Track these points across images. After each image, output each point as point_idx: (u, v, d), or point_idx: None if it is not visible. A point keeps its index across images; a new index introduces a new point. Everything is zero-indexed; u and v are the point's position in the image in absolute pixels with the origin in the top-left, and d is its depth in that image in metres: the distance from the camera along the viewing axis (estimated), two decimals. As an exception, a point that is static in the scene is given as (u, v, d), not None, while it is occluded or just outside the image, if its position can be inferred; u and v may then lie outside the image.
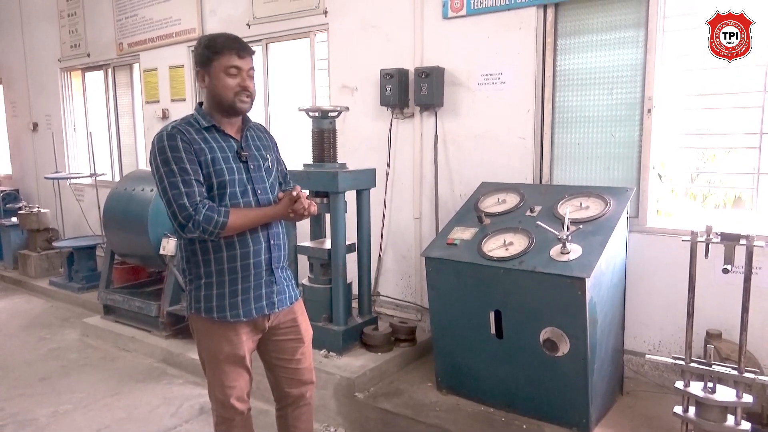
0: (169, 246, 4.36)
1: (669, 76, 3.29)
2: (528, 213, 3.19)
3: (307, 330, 2.39)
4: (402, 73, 4.10)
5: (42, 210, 6.76)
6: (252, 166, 2.19)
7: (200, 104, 2.21)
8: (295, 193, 2.13)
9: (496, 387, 3.09)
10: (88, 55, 6.87)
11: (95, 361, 4.39)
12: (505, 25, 3.70)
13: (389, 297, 4.48)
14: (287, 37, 4.93)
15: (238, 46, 2.11)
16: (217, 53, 2.08)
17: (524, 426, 2.94)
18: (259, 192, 2.19)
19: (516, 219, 3.19)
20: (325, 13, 4.59)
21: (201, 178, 2.06)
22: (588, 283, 2.64)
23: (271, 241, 2.22)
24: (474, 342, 3.10)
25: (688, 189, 3.66)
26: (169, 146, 2.04)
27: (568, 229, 2.81)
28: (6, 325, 5.31)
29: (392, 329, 3.81)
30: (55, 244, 6.48)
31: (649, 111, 3.30)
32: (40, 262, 6.68)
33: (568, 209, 2.98)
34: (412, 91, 4.09)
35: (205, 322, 2.18)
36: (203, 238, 2.06)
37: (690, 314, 2.42)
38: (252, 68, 2.16)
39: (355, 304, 3.97)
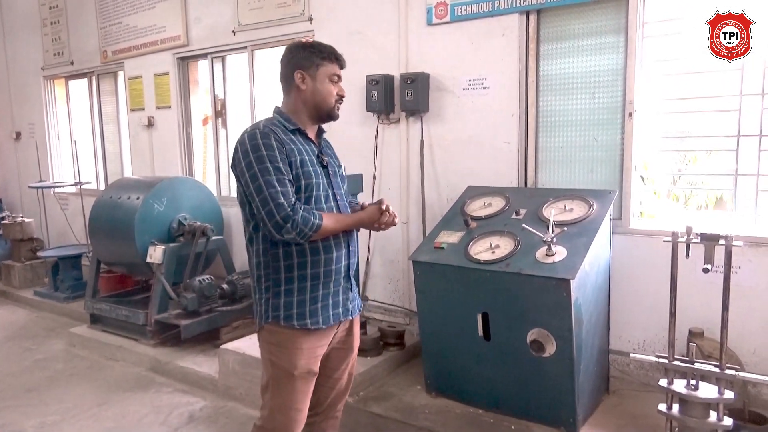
0: (156, 254, 4.35)
1: (649, 81, 3.36)
2: (514, 216, 3.23)
3: (357, 340, 2.36)
4: (387, 79, 4.14)
5: (26, 219, 6.69)
6: (331, 172, 2.20)
7: (278, 109, 2.20)
8: (384, 205, 2.16)
9: (485, 388, 3.12)
10: (72, 63, 6.82)
11: (82, 371, 4.35)
12: (489, 31, 3.76)
13: (377, 301, 4.50)
14: (273, 43, 4.95)
15: (342, 58, 2.19)
16: (325, 60, 2.13)
17: (513, 426, 2.98)
18: (338, 197, 2.20)
19: (502, 222, 3.23)
20: (311, 20, 4.62)
21: (292, 179, 2.04)
22: (573, 284, 2.69)
23: (351, 248, 2.21)
24: (462, 344, 3.13)
25: (671, 191, 3.73)
26: (264, 144, 2.00)
27: (553, 232, 2.86)
28: (-10, 337, 5.25)
29: (381, 333, 3.84)
30: (39, 253, 6.42)
31: (630, 115, 3.36)
32: (25, 273, 6.61)
33: (552, 212, 3.03)
34: (398, 97, 4.13)
35: (284, 333, 2.10)
36: (296, 241, 2.02)
37: (672, 313, 2.47)
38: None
39: (343, 309, 3.98)
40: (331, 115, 2.19)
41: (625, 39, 3.35)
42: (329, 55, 2.16)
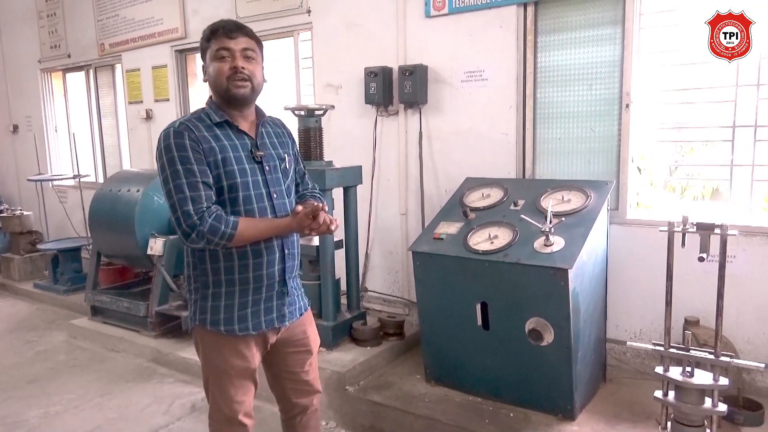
0: (156, 246, 4.38)
1: (646, 72, 3.38)
2: (512, 207, 3.26)
3: (315, 340, 2.28)
4: (386, 71, 4.16)
5: (24, 212, 6.70)
6: (267, 167, 2.02)
7: (210, 100, 2.04)
8: (311, 212, 1.93)
9: (484, 377, 3.16)
10: (69, 56, 6.81)
11: (84, 362, 4.39)
12: (487, 23, 3.77)
13: (377, 292, 4.53)
14: (271, 36, 4.95)
15: (227, 26, 1.93)
16: (209, 41, 1.95)
17: (511, 414, 3.02)
18: (275, 196, 2.03)
19: (500, 213, 3.26)
20: (309, 12, 4.63)
21: (210, 181, 1.89)
22: (570, 273, 2.72)
23: (286, 251, 2.07)
24: (461, 334, 3.17)
25: (667, 181, 3.76)
26: (175, 144, 1.87)
27: (550, 222, 2.89)
28: (-9, 329, 5.28)
29: (381, 324, 3.88)
30: (39, 246, 6.44)
31: (627, 106, 3.39)
32: (24, 265, 6.62)
33: (550, 203, 3.06)
34: (396, 89, 4.15)
35: (212, 335, 2.02)
36: (207, 248, 1.92)
37: (668, 302, 2.50)
38: (249, 48, 1.95)
39: (343, 299, 4.02)
40: (230, 96, 1.94)
41: (622, 30, 3.37)
42: (210, 33, 1.95)
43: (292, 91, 4.93)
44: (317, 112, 3.76)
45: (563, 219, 2.98)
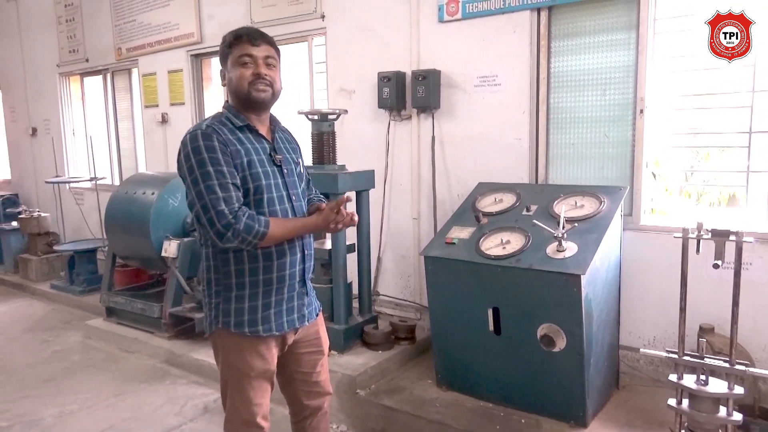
0: (170, 248, 4.42)
1: (660, 77, 3.37)
2: (524, 212, 3.26)
3: (326, 341, 2.32)
4: (399, 76, 4.17)
5: (42, 214, 6.80)
6: (286, 171, 2.07)
7: (227, 104, 2.08)
8: (338, 204, 2.01)
9: (495, 382, 3.15)
10: (87, 60, 6.91)
11: (99, 362, 4.44)
12: (500, 28, 3.77)
13: (389, 296, 4.54)
14: (285, 41, 4.99)
15: (250, 34, 2.00)
16: (231, 46, 2.00)
17: (522, 420, 3.01)
18: (294, 198, 2.08)
19: (513, 218, 3.26)
20: (323, 17, 4.66)
21: (238, 182, 1.92)
22: (583, 279, 2.71)
23: (305, 251, 2.11)
24: (473, 339, 3.16)
25: (683, 187, 3.73)
26: (205, 146, 1.89)
27: (563, 228, 2.88)
28: (8, 329, 5.35)
29: (392, 328, 3.88)
30: (55, 247, 6.52)
31: (642, 111, 3.37)
32: (41, 266, 6.72)
33: (563, 208, 3.05)
34: (409, 94, 4.16)
35: (234, 338, 2.03)
36: (241, 248, 1.94)
37: (682, 309, 2.48)
38: (271, 56, 2.02)
39: (355, 303, 4.04)
40: (251, 100, 1.99)
41: (636, 35, 3.36)
42: (232, 38, 2.00)
43: (305, 95, 4.96)
44: (330, 117, 3.78)
45: (576, 224, 2.97)
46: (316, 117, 3.76)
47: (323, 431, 2.40)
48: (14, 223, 6.96)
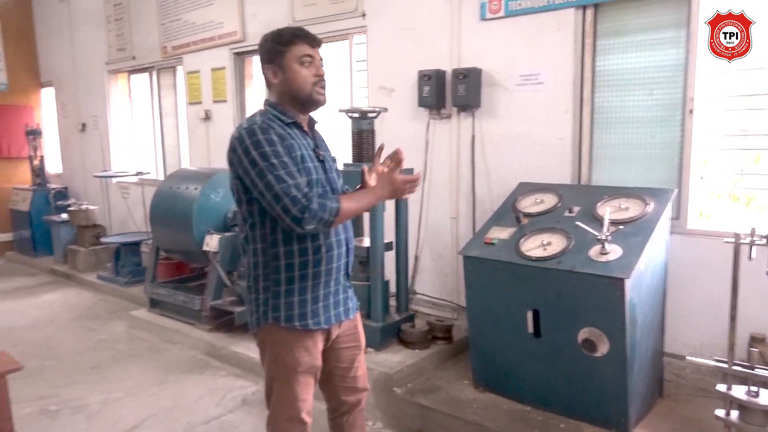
0: (212, 242, 4.51)
1: (711, 77, 3.25)
2: (566, 213, 3.20)
3: (363, 337, 2.33)
4: (439, 75, 4.15)
5: (90, 207, 7.04)
6: (327, 167, 2.11)
7: (270, 102, 2.09)
8: (407, 174, 2.04)
9: (534, 386, 3.11)
10: (134, 58, 7.11)
11: (142, 351, 4.57)
12: (544, 26, 3.71)
13: (426, 295, 4.53)
14: (326, 39, 5.01)
15: (309, 35, 2.03)
16: (288, 44, 2.00)
17: (562, 425, 2.96)
18: (336, 194, 2.09)
19: (554, 219, 3.21)
20: (363, 15, 4.67)
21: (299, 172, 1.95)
22: (628, 283, 2.65)
23: (349, 245, 2.15)
24: (511, 341, 3.13)
25: (731, 191, 3.60)
26: (265, 139, 1.91)
27: (607, 230, 2.82)
28: (58, 317, 5.56)
29: (429, 327, 3.87)
30: (102, 239, 6.75)
31: (691, 111, 3.27)
32: (89, 257, 6.96)
33: (607, 210, 2.98)
34: (450, 92, 4.14)
35: (283, 333, 2.05)
36: (318, 230, 1.95)
37: (733, 317, 2.40)
38: (322, 59, 2.07)
39: (392, 301, 4.04)
40: (312, 101, 2.04)
41: (686, 33, 3.26)
42: (292, 37, 2.00)
43: (345, 93, 4.99)
44: (370, 115, 3.79)
45: (621, 227, 2.91)
46: (356, 115, 3.78)
47: (360, 428, 2.41)
48: (64, 216, 7.23)
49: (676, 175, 3.39)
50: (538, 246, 3.05)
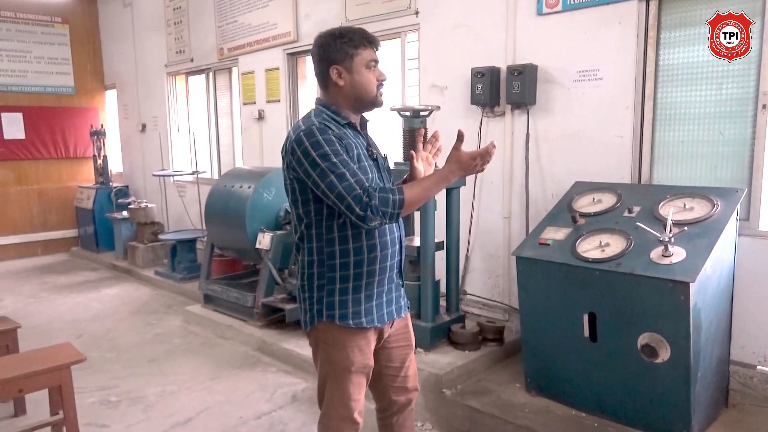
0: (264, 240, 4.58)
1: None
2: (626, 214, 3.08)
3: (413, 336, 2.32)
4: (493, 72, 4.07)
5: (149, 205, 7.29)
6: (380, 165, 2.13)
7: (323, 102, 2.09)
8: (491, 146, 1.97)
9: (589, 391, 3.01)
10: (192, 60, 7.32)
11: (196, 346, 4.69)
12: (603, 19, 3.59)
13: (476, 296, 4.46)
14: (380, 38, 4.97)
15: (376, 40, 2.05)
16: (359, 47, 2.01)
17: (618, 433, 2.85)
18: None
19: (613, 220, 3.09)
20: (416, 13, 4.64)
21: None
22: (692, 287, 2.52)
23: (402, 243, 2.15)
24: (566, 344, 3.03)
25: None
26: (324, 140, 1.91)
27: (670, 231, 2.69)
28: (118, 311, 5.78)
29: (480, 328, 3.80)
30: (160, 236, 6.96)
31: (765, 107, 3.08)
32: (147, 253, 7.20)
33: (670, 210, 2.85)
34: (504, 90, 4.06)
35: (337, 332, 2.05)
36: (385, 224, 1.95)
37: (809, 325, 2.25)
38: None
39: (442, 302, 3.99)
40: (374, 104, 2.07)
41: (761, 23, 3.06)
42: (362, 41, 2.01)
43: (397, 91, 4.97)
44: (422, 113, 3.76)
45: (685, 228, 2.77)
46: (408, 113, 3.75)
47: (409, 428, 2.38)
48: (124, 213, 7.51)
49: (746, 174, 3.20)
50: (596, 247, 2.94)
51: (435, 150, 2.20)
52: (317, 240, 2.04)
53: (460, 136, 2.00)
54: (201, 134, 7.52)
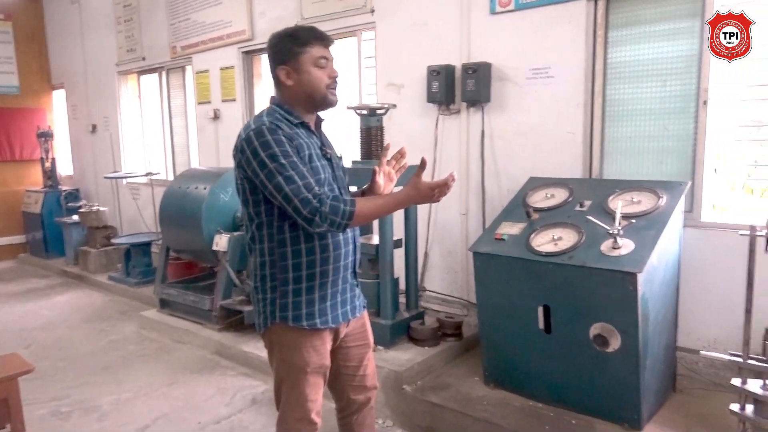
0: (221, 242, 4.52)
1: (725, 67, 3.19)
2: (577, 208, 3.16)
3: (371, 335, 2.32)
4: (449, 70, 4.12)
5: (101, 208, 7.07)
6: (335, 165, 2.10)
7: (276, 101, 2.06)
8: (441, 182, 1.92)
9: (545, 382, 3.08)
10: (143, 59, 7.14)
11: (152, 352, 4.58)
12: (554, 18, 3.67)
13: (435, 292, 4.50)
14: (335, 36, 4.95)
15: (325, 36, 2.01)
16: (305, 45, 1.97)
17: (573, 421, 2.92)
18: (343, 192, 2.10)
19: (565, 214, 3.17)
20: (372, 11, 4.65)
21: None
22: (640, 278, 2.61)
23: (356, 243, 2.14)
24: (522, 337, 3.10)
25: (745, 183, 3.54)
26: (273, 140, 1.88)
27: (619, 224, 2.77)
28: (69, 318, 5.59)
29: (439, 324, 3.84)
30: (113, 240, 6.77)
31: (705, 103, 3.22)
32: (99, 258, 6.99)
33: (619, 204, 2.94)
34: (459, 87, 4.11)
35: (291, 333, 2.04)
36: (331, 231, 1.93)
37: (748, 310, 2.36)
38: (334, 59, 2.06)
39: (402, 299, 4.02)
40: (326, 103, 2.03)
41: (701, 24, 3.20)
42: (309, 38, 1.98)
43: (354, 90, 4.97)
44: (379, 111, 3.76)
45: (633, 221, 2.86)
46: (364, 112, 3.75)
47: (369, 426, 2.39)
48: (75, 217, 7.26)
49: (689, 168, 3.34)
50: (549, 241, 3.01)
51: (399, 167, 2.19)
52: (269, 240, 2.02)
53: (423, 164, 1.99)
54: (155, 135, 7.35)
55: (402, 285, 4.00)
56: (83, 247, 7.16)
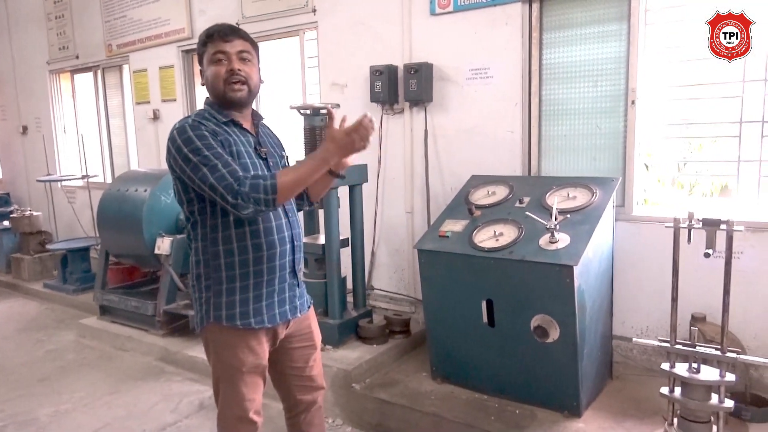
0: (164, 245, 4.40)
1: (652, 68, 3.37)
2: (517, 204, 3.26)
3: (318, 334, 2.32)
4: (391, 70, 4.16)
5: (34, 213, 6.75)
6: (271, 163, 2.09)
7: (209, 100, 2.08)
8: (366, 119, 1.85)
9: (490, 374, 3.17)
10: (77, 57, 6.86)
11: (93, 361, 4.42)
12: (492, 20, 3.77)
13: (383, 290, 4.54)
14: (277, 35, 4.97)
15: (220, 31, 1.98)
16: (204, 45, 2.00)
17: (517, 411, 3.02)
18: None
19: (505, 210, 3.26)
20: (314, 11, 4.63)
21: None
22: (576, 270, 2.72)
23: (295, 242, 2.11)
24: (467, 331, 3.17)
25: (675, 178, 3.74)
26: (195, 135, 1.89)
27: (556, 219, 2.88)
28: (2, 329, 5.33)
29: (387, 321, 3.89)
30: (48, 246, 6.50)
31: (633, 102, 3.38)
32: (34, 265, 6.68)
33: (555, 200, 3.06)
34: (402, 87, 4.15)
35: (226, 333, 2.03)
36: (261, 211, 1.88)
37: (674, 298, 2.50)
38: (245, 51, 2.00)
39: (349, 298, 4.03)
40: (227, 99, 1.99)
41: (627, 26, 3.36)
42: (206, 37, 2.00)
43: (297, 90, 4.95)
44: (322, 111, 3.77)
45: (568, 216, 2.98)
46: (308, 112, 3.75)
47: (318, 426, 2.40)
48: (6, 223, 6.91)
49: (620, 164, 3.50)
50: (491, 237, 3.09)
51: (329, 121, 1.96)
52: (202, 239, 2.03)
53: (330, 115, 1.93)
54: (91, 136, 7.07)
55: (349, 284, 4.02)
56: (15, 255, 6.83)
